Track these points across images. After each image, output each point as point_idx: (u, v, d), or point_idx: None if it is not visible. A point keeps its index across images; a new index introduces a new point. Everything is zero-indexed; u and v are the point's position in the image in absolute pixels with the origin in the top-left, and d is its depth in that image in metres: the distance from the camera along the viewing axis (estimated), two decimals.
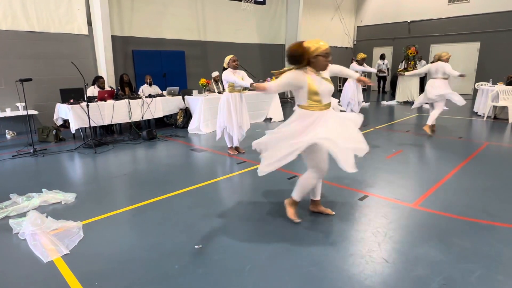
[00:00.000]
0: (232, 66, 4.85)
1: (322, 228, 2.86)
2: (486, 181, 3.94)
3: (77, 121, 5.85)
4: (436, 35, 13.50)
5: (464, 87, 13.01)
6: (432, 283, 2.12)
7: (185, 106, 7.40)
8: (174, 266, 2.34)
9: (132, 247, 2.63)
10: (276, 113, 8.33)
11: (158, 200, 3.51)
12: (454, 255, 2.41)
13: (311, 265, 2.33)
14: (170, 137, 6.54)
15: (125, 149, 5.67)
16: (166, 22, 9.30)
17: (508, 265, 2.30)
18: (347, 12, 15.29)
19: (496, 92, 7.75)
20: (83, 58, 7.81)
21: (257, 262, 2.38)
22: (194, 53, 10.09)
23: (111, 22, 8.01)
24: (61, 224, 2.88)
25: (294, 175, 4.18)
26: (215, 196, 3.66)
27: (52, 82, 7.30)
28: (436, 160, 4.96)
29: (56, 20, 7.38)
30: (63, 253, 2.50)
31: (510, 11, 11.74)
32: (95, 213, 3.18)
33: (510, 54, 11.95)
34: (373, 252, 2.50)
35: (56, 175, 4.42)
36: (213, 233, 2.81)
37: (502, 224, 2.88)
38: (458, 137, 6.17)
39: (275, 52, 12.55)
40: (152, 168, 4.74)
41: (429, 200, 3.41)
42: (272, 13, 12.18)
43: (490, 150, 5.37)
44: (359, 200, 3.43)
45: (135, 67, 8.86)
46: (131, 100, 6.52)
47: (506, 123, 7.48)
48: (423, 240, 2.66)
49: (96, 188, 3.94)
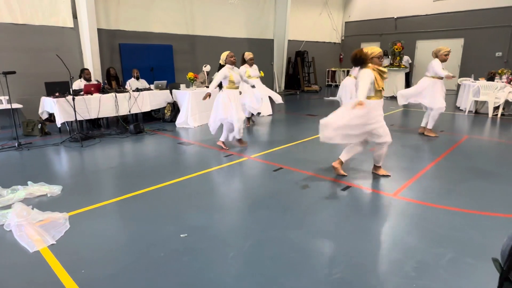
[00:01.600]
0: (230, 62, 4.85)
1: (304, 217, 2.96)
2: (463, 172, 4.10)
3: (63, 115, 5.80)
4: (421, 31, 13.73)
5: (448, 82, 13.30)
6: (405, 266, 2.24)
7: (173, 100, 7.40)
8: (160, 254, 2.40)
9: (118, 237, 2.68)
10: (265, 107, 8.38)
11: (145, 192, 3.55)
12: (428, 241, 2.54)
13: (293, 252, 2.42)
14: (158, 131, 6.55)
15: (112, 143, 5.66)
16: (153, 16, 9.24)
17: (478, 249, 2.43)
18: (335, 8, 15.39)
19: (478, 87, 7.98)
20: (69, 51, 7.71)
21: (240, 250, 2.46)
22: (182, 47, 10.05)
23: (97, 15, 7.92)
24: (47, 215, 2.90)
25: (279, 167, 4.27)
26: (202, 187, 3.72)
27: (37, 75, 7.19)
28: (418, 152, 5.12)
29: (40, 12, 7.26)
30: (49, 243, 2.53)
31: (492, 9, 12.03)
32: (82, 204, 3.21)
33: (492, 50, 12.27)
34: (353, 239, 2.60)
35: (41, 168, 4.40)
36: (199, 222, 2.88)
37: (474, 211, 3.03)
38: (440, 131, 6.35)
39: (264, 47, 12.58)
40: (139, 161, 4.76)
41: (408, 190, 3.54)
42: (260, 8, 12.19)
43: (469, 143, 5.56)
44: (341, 191, 3.54)
45: (122, 60, 8.79)
46: (118, 94, 6.49)
47: (486, 117, 7.72)
48: (400, 227, 2.78)
49: (83, 180, 3.95)
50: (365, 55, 3.58)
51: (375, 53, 3.58)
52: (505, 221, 2.87)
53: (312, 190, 3.55)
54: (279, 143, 5.53)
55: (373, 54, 3.57)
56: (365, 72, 3.54)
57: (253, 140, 5.88)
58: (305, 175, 4.00)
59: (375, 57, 3.58)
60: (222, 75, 4.81)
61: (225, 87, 4.92)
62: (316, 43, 14.72)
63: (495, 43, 12.18)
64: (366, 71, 3.55)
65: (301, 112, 9.03)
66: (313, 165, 4.36)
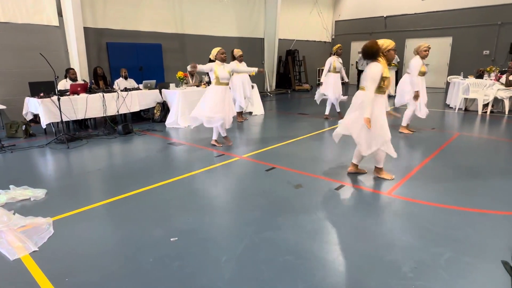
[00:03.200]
0: (220, 58, 4.83)
1: (298, 218, 2.88)
2: (456, 169, 4.08)
3: (48, 116, 5.62)
4: (411, 30, 13.83)
5: (437, 80, 13.44)
6: (403, 266, 2.18)
7: (162, 99, 7.26)
8: (149, 260, 2.30)
9: (104, 241, 2.56)
10: (257, 107, 8.31)
11: (134, 194, 3.43)
12: (425, 240, 2.49)
13: (287, 254, 2.34)
14: (147, 132, 6.41)
15: (99, 144, 5.50)
16: (142, 14, 9.06)
17: (475, 247, 2.39)
18: (325, 7, 15.39)
19: (467, 85, 8.04)
20: (54, 50, 7.50)
21: (233, 253, 2.37)
22: (171, 46, 9.89)
23: (84, 13, 7.72)
24: (30, 220, 2.76)
25: (272, 167, 4.19)
26: (192, 189, 3.61)
27: (21, 75, 6.98)
28: (410, 150, 5.10)
29: (24, 10, 7.04)
30: (31, 250, 2.40)
31: (480, 7, 12.17)
32: (67, 208, 3.08)
33: (480, 48, 12.42)
34: (348, 240, 2.54)
35: (25, 171, 4.23)
36: (190, 225, 2.77)
37: (470, 209, 2.99)
38: (431, 128, 6.36)
39: (254, 46, 12.50)
40: (128, 162, 4.62)
41: (402, 188, 3.50)
42: (251, 7, 12.09)
43: (461, 140, 5.57)
44: (335, 190, 3.47)
45: (109, 60, 8.60)
46: (105, 94, 6.32)
47: (476, 114, 7.78)
48: (396, 226, 2.73)
49: (68, 183, 3.81)
50: (380, 46, 3.31)
51: (391, 46, 3.33)
52: (500, 218, 2.84)
53: (306, 190, 3.48)
54: (271, 142, 5.45)
55: (390, 46, 3.32)
56: (377, 67, 3.29)
57: (245, 139, 5.79)
58: (298, 174, 3.93)
59: (392, 49, 3.34)
60: (208, 67, 4.81)
61: (213, 83, 4.88)
62: (306, 42, 14.69)
63: (483, 42, 12.33)
64: (377, 66, 3.30)
65: (292, 111, 8.97)
66: (306, 164, 4.29)
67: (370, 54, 3.32)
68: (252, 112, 8.24)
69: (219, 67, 4.82)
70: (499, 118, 7.38)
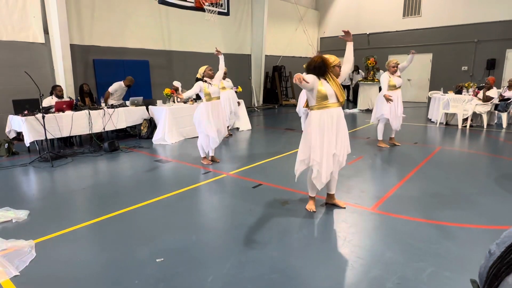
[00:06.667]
0: (208, 75, 4.91)
1: (284, 235, 2.91)
2: (438, 183, 4.20)
3: (32, 134, 5.54)
4: (393, 46, 14.30)
5: (419, 95, 13.86)
6: (387, 283, 2.22)
7: (149, 116, 7.26)
8: (134, 281, 2.27)
9: (88, 264, 2.52)
10: (244, 122, 8.38)
11: (119, 214, 3.40)
12: (408, 255, 2.55)
13: (273, 273, 2.36)
14: (134, 148, 6.37)
15: (85, 162, 5.44)
16: (129, 31, 9.12)
17: (455, 261, 2.46)
18: (310, 24, 15.81)
19: (447, 100, 8.33)
20: (40, 67, 7.45)
21: (219, 272, 2.37)
22: (158, 62, 9.95)
23: (70, 30, 7.72)
24: (11, 243, 2.70)
25: (258, 184, 4.22)
26: (179, 207, 3.60)
27: (4, 93, 6.88)
28: (394, 165, 5.22)
29: (9, 27, 7.00)
30: (13, 274, 2.34)
31: (458, 25, 12.73)
32: (50, 230, 3.02)
33: (458, 64, 12.92)
34: (333, 256, 2.57)
35: (7, 191, 4.14)
36: (176, 245, 2.76)
37: (450, 223, 3.08)
38: (413, 143, 6.54)
39: (241, 62, 12.67)
40: (114, 181, 4.58)
41: (386, 204, 3.57)
42: (237, 24, 12.33)
43: (442, 154, 5.74)
44: (320, 206, 3.52)
45: (96, 76, 8.57)
46: (91, 110, 6.29)
47: (456, 128, 8.04)
48: (380, 242, 2.78)
49: (52, 204, 3.74)
50: (327, 62, 3.09)
51: (336, 62, 3.14)
52: (480, 232, 2.93)
53: (292, 206, 3.52)
54: (258, 159, 5.50)
55: (334, 62, 3.12)
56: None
57: (231, 156, 5.81)
58: (285, 191, 3.97)
59: (337, 66, 3.14)
60: (197, 88, 4.84)
61: (204, 100, 4.91)
62: (292, 58, 14.99)
63: (461, 58, 12.85)
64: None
65: (279, 126, 9.08)
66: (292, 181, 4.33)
67: (319, 69, 3.07)
68: (239, 127, 8.31)
69: (209, 84, 4.89)
70: (478, 132, 7.64)
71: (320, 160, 3.12)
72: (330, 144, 3.13)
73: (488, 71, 12.18)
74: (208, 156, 5.25)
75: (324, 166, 3.13)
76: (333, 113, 3.12)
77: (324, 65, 3.07)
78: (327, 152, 3.13)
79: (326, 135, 3.11)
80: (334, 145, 3.15)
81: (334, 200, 3.52)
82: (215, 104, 4.96)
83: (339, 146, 3.19)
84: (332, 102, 3.12)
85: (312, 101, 3.15)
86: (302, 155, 3.23)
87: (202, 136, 5.03)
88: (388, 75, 5.88)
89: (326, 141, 3.12)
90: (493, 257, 0.87)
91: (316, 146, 3.11)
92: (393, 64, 5.87)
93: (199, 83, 4.84)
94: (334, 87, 3.10)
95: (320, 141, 3.12)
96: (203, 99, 4.93)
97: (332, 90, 3.09)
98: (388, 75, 5.87)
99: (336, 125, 3.15)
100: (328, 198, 3.55)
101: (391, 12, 14.21)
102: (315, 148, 3.12)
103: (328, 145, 3.12)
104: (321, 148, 3.12)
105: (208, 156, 5.25)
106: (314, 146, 3.12)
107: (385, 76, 5.88)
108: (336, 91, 3.11)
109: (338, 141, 3.18)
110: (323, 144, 3.12)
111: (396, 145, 6.27)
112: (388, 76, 5.86)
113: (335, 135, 3.16)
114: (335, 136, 3.16)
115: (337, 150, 3.18)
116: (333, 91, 3.09)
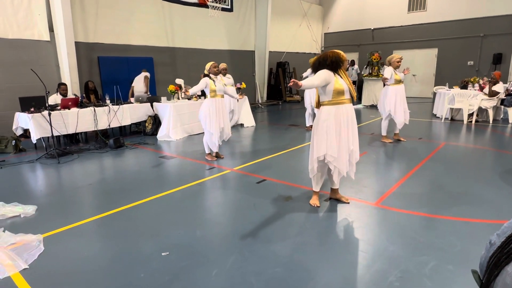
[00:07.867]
0: (213, 72, 4.94)
1: (287, 229, 2.93)
2: (442, 178, 4.19)
3: (39, 131, 5.61)
4: (397, 41, 14.20)
5: (424, 91, 13.76)
6: (390, 276, 2.24)
7: (154, 113, 7.30)
8: (140, 275, 2.32)
9: (95, 258, 2.57)
10: (248, 118, 8.40)
11: (125, 209, 3.44)
12: (411, 249, 2.56)
13: (277, 266, 2.38)
14: (139, 145, 6.42)
15: (91, 158, 5.51)
16: (133, 29, 9.16)
17: (459, 255, 2.47)
18: (314, 20, 15.74)
19: (452, 95, 8.26)
20: (45, 65, 7.52)
21: (223, 266, 2.40)
22: (162, 59, 9.99)
23: (75, 28, 7.78)
24: (20, 238, 2.76)
25: (262, 179, 4.24)
26: (183, 203, 3.64)
27: (11, 90, 6.97)
28: (398, 160, 5.21)
29: (15, 25, 7.07)
30: (22, 267, 2.40)
31: (463, 20, 12.59)
32: (57, 225, 3.08)
33: (464, 59, 12.80)
34: (336, 250, 2.59)
35: (15, 187, 4.21)
36: (181, 240, 2.80)
37: (454, 218, 3.08)
38: (418, 138, 6.51)
39: (245, 58, 12.67)
40: (119, 177, 4.63)
41: (389, 199, 3.58)
42: (241, 20, 12.31)
43: (447, 149, 5.71)
44: (324, 201, 3.54)
45: (101, 74, 8.64)
46: (96, 108, 6.35)
47: (462, 123, 7.99)
48: (383, 236, 2.80)
49: (59, 199, 3.80)
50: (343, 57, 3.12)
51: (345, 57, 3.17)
52: (483, 226, 2.93)
53: (296, 201, 3.54)
54: (262, 154, 5.52)
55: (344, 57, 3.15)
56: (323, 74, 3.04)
57: (236, 152, 5.84)
58: (289, 187, 3.99)
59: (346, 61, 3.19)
60: (203, 84, 4.86)
61: (209, 96, 4.93)
62: (296, 54, 14.95)
63: (467, 52, 12.72)
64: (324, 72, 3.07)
65: (283, 122, 9.08)
66: (296, 176, 4.36)
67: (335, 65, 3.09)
68: (243, 124, 8.33)
69: (213, 80, 4.91)
70: (484, 127, 7.58)
71: (337, 155, 3.10)
72: (347, 139, 3.13)
73: (494, 66, 12.06)
74: (213, 152, 5.28)
75: (341, 161, 3.13)
76: (348, 109, 3.15)
77: (340, 60, 3.10)
78: (344, 148, 3.12)
79: (342, 130, 3.10)
80: (351, 140, 3.16)
81: (338, 195, 3.54)
82: (219, 102, 4.98)
83: (355, 141, 3.20)
84: (347, 97, 3.14)
85: (326, 97, 3.11)
86: (317, 152, 3.16)
87: (207, 133, 5.06)
88: (391, 69, 5.88)
89: (343, 136, 3.10)
90: (493, 247, 0.88)
91: (332, 142, 3.08)
92: (397, 59, 5.86)
93: (205, 79, 4.87)
94: (347, 82, 3.13)
95: (337, 136, 3.09)
96: (208, 95, 4.95)
97: (347, 86, 3.11)
98: (392, 70, 5.86)
99: (351, 120, 3.17)
100: (332, 193, 3.57)
101: (395, 6, 14.09)
102: (331, 143, 3.08)
103: (346, 141, 3.12)
104: (339, 144, 3.10)
105: (213, 152, 5.28)
106: (330, 142, 3.08)
107: (389, 69, 5.89)
108: (350, 87, 3.14)
109: (353, 136, 3.19)
110: (341, 139, 3.10)
111: (401, 140, 6.25)
112: (392, 70, 5.86)
113: (351, 131, 3.16)
114: (351, 132, 3.16)
115: (354, 145, 3.18)
116: (347, 87, 3.11)
